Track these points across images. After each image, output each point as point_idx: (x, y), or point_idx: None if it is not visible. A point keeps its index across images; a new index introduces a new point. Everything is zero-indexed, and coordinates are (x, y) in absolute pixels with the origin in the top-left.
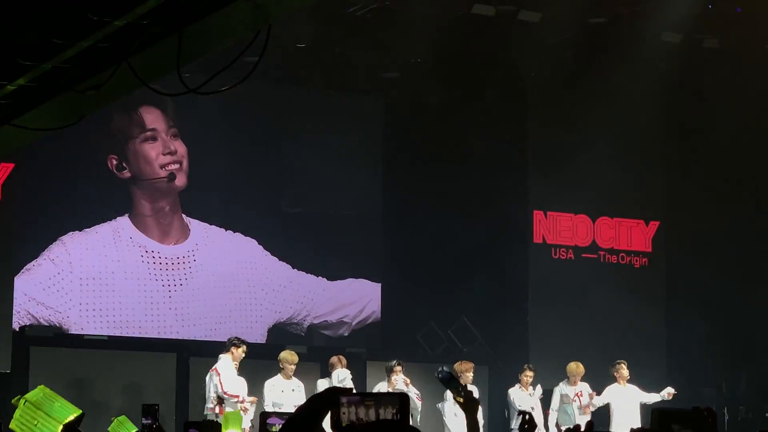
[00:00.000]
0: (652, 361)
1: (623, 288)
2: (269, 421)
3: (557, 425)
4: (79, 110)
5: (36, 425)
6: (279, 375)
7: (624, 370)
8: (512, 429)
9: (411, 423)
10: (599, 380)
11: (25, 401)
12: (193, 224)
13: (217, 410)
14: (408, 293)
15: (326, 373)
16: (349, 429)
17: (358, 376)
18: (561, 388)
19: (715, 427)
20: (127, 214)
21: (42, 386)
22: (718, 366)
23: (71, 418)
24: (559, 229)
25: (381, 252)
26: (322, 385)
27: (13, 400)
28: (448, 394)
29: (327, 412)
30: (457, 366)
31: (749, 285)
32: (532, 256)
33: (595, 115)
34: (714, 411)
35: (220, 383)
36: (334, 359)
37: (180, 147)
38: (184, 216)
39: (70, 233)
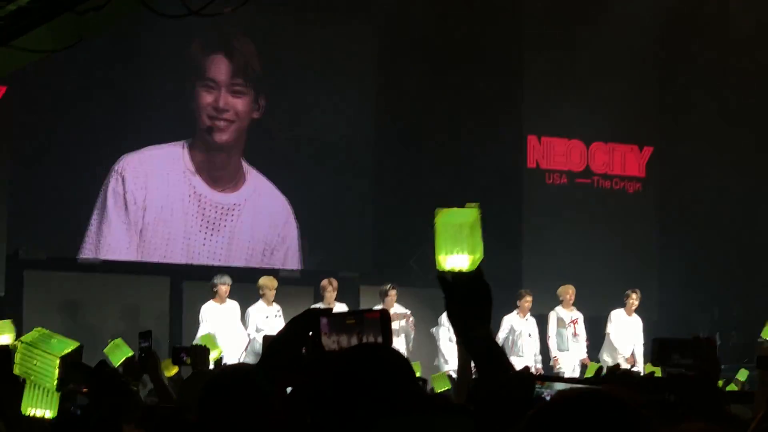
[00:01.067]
0: (645, 287)
1: (617, 213)
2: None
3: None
4: (77, 32)
5: (35, 364)
6: (260, 301)
7: (632, 300)
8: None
9: (405, 349)
10: (593, 305)
11: (21, 342)
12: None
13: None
14: (401, 216)
15: (319, 297)
16: (330, 354)
17: (352, 301)
18: (557, 312)
19: (715, 356)
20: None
21: (38, 327)
22: (711, 292)
23: (68, 350)
24: (552, 154)
25: (374, 176)
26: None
27: (10, 345)
28: (443, 318)
29: (308, 334)
30: None
31: (744, 211)
32: (525, 180)
33: (591, 39)
34: (713, 340)
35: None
36: (324, 283)
37: (236, 104)
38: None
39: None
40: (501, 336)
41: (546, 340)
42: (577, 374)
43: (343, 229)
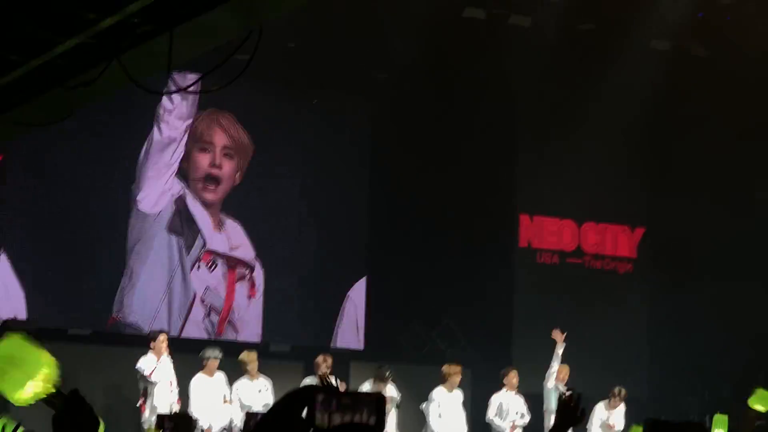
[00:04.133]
0: (635, 368)
1: (607, 294)
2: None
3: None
4: (68, 106)
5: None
6: (245, 377)
7: (615, 397)
8: None
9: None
10: (585, 386)
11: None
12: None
13: None
14: (391, 292)
15: (310, 373)
16: (321, 430)
17: (343, 376)
18: (552, 389)
19: None
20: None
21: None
22: (701, 373)
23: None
24: (544, 233)
25: (365, 250)
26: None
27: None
28: (434, 394)
29: (303, 410)
30: (445, 368)
31: (736, 292)
32: (517, 259)
33: (584, 120)
34: (704, 425)
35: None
36: (319, 359)
37: (227, 167)
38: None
39: None
40: (490, 414)
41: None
42: None
43: (333, 302)
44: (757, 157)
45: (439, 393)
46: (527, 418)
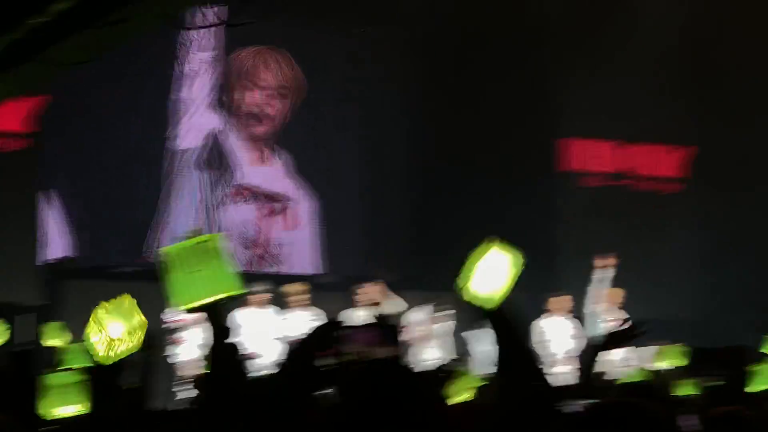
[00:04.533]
0: (685, 289)
1: (656, 215)
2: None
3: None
4: (103, 45)
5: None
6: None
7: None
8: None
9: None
10: (634, 309)
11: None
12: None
13: None
14: (435, 220)
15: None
16: (345, 367)
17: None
18: (598, 312)
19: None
20: None
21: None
22: (751, 298)
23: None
24: (587, 155)
25: (405, 178)
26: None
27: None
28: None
29: (327, 344)
30: None
31: None
32: (560, 183)
33: (626, 39)
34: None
35: None
36: (367, 288)
37: (274, 106)
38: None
39: None
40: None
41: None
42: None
43: (375, 233)
44: None
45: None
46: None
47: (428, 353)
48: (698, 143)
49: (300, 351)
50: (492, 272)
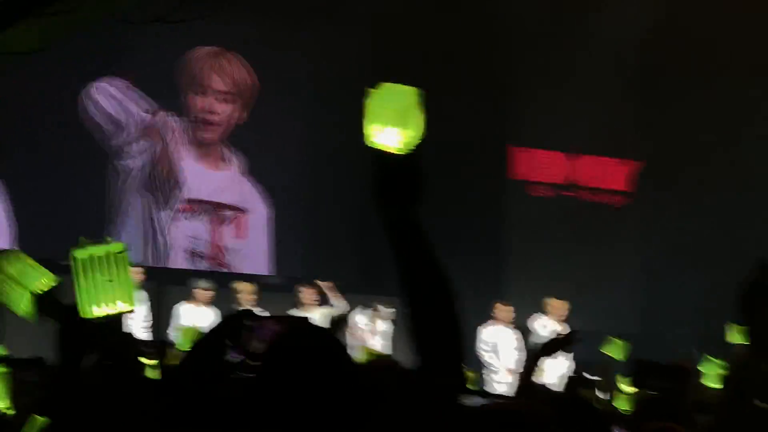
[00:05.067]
0: (628, 301)
1: (601, 227)
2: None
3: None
4: (49, 35)
5: (111, 282)
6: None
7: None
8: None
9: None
10: (576, 321)
11: (120, 252)
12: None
13: None
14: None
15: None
16: (253, 356)
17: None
18: (544, 322)
19: (690, 383)
20: None
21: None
22: (694, 309)
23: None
24: (537, 166)
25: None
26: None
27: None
28: None
29: (233, 337)
30: None
31: (731, 224)
32: (508, 192)
33: (578, 49)
34: (689, 368)
35: None
36: (307, 289)
37: (224, 110)
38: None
39: None
40: (483, 349)
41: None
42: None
43: (324, 235)
44: (754, 89)
45: None
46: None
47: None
48: (645, 157)
49: (209, 340)
50: (394, 111)
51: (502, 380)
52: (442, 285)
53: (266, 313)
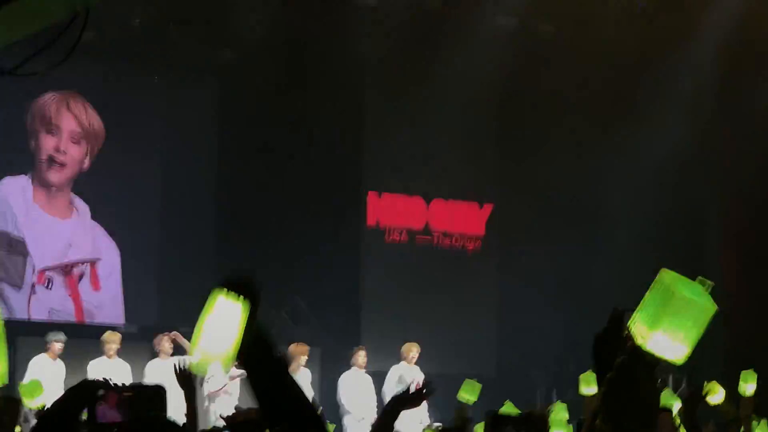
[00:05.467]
0: (484, 344)
1: (457, 272)
2: None
3: None
4: None
5: None
6: (103, 356)
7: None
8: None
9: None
10: (433, 365)
11: None
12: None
13: None
14: (237, 271)
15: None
16: (104, 428)
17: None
18: (399, 368)
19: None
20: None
21: None
22: (549, 348)
23: None
24: (393, 211)
25: (213, 234)
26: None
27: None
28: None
29: (84, 407)
30: (292, 348)
31: (584, 267)
32: (365, 239)
33: (432, 97)
34: (545, 416)
35: None
36: (162, 337)
37: (74, 151)
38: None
39: None
40: (341, 394)
41: (383, 396)
42: None
43: (181, 281)
44: (606, 133)
45: None
46: (374, 403)
47: (226, 408)
48: (499, 201)
49: (61, 408)
50: (222, 325)
51: (362, 427)
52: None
53: (118, 381)
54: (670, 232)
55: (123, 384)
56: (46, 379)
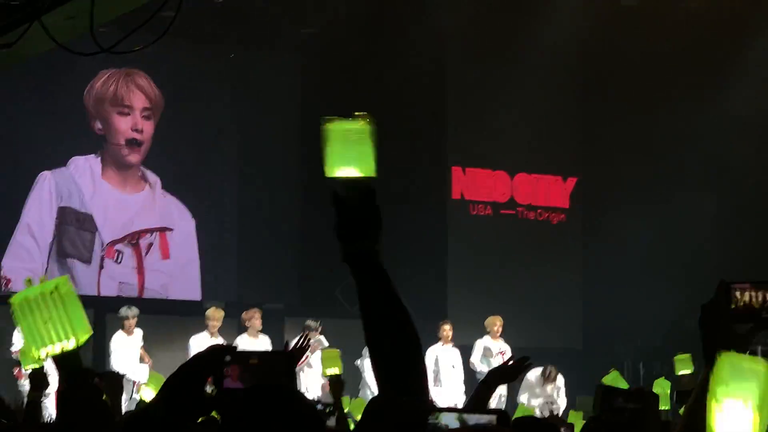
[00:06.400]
0: (569, 318)
1: (541, 244)
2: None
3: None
4: None
5: (46, 323)
6: (205, 332)
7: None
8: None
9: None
10: (519, 338)
11: (54, 290)
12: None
13: None
14: (326, 248)
15: (243, 329)
16: (230, 393)
17: (276, 334)
18: (484, 341)
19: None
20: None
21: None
22: (633, 322)
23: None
24: (477, 185)
25: (301, 207)
26: (241, 341)
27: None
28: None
29: (210, 374)
30: None
31: (667, 240)
32: (450, 212)
33: (515, 71)
34: (655, 394)
35: None
36: (249, 313)
37: (148, 128)
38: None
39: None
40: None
41: (470, 368)
42: (503, 405)
43: (269, 259)
44: (687, 108)
45: None
46: (461, 377)
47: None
48: (583, 173)
49: (184, 376)
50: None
51: (449, 400)
52: (400, 312)
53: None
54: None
55: (251, 351)
56: (127, 356)
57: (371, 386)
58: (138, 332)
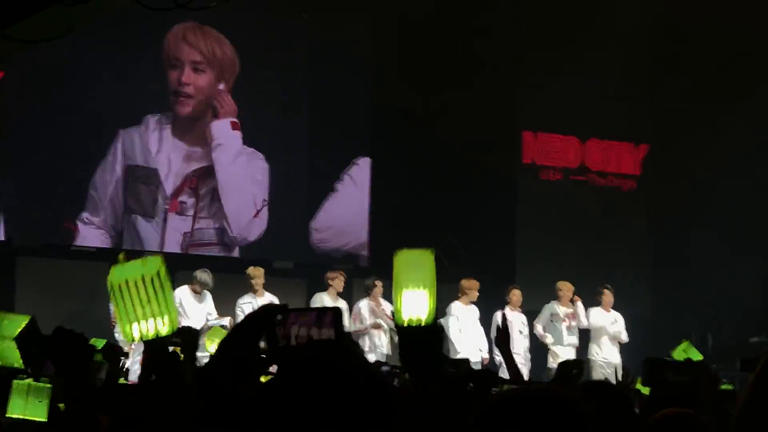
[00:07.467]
0: (638, 287)
1: (611, 211)
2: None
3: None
4: (66, 23)
5: (144, 307)
6: (249, 293)
7: (608, 296)
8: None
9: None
10: (587, 304)
11: (155, 275)
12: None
13: None
14: (396, 210)
15: (315, 289)
16: (285, 350)
17: (345, 294)
18: (552, 306)
19: (706, 383)
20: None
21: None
22: (703, 291)
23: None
24: (548, 150)
25: (370, 168)
26: (320, 299)
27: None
28: (452, 308)
29: (263, 332)
30: (464, 283)
31: (743, 211)
32: (520, 176)
33: (587, 36)
34: (708, 368)
35: None
36: (332, 273)
37: (199, 81)
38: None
39: None
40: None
41: (535, 332)
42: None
43: (338, 219)
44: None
45: (457, 307)
46: (526, 342)
47: (378, 342)
48: (655, 141)
49: (241, 333)
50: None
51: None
52: None
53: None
54: None
55: (301, 309)
56: (191, 313)
57: (455, 344)
58: (206, 295)
